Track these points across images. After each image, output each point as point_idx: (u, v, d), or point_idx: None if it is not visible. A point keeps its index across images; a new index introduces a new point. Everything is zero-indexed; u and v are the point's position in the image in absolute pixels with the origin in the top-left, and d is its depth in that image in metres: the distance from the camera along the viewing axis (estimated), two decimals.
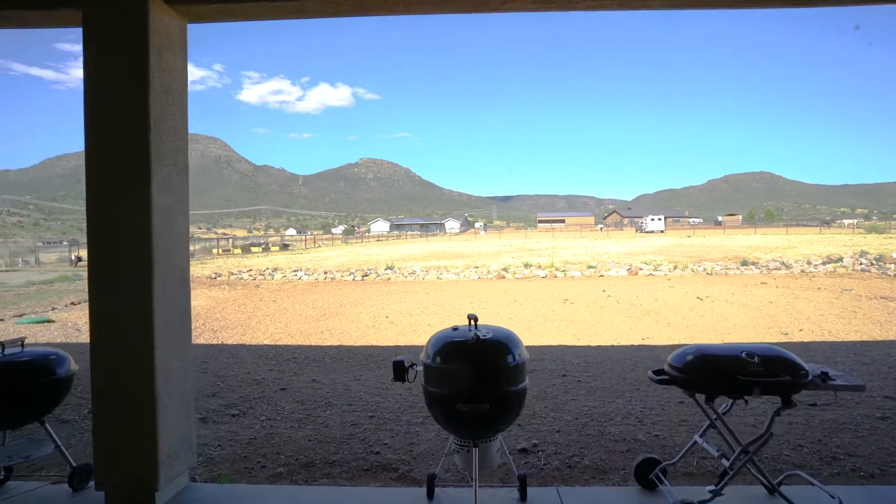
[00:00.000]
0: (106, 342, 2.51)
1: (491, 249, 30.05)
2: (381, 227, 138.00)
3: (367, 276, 18.69)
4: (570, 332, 8.10)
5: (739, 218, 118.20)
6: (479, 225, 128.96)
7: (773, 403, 2.19)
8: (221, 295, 14.05)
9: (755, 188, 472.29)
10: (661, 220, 69.82)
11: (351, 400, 4.51)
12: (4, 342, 2.66)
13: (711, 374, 2.22)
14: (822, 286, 12.71)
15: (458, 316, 9.84)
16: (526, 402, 3.99)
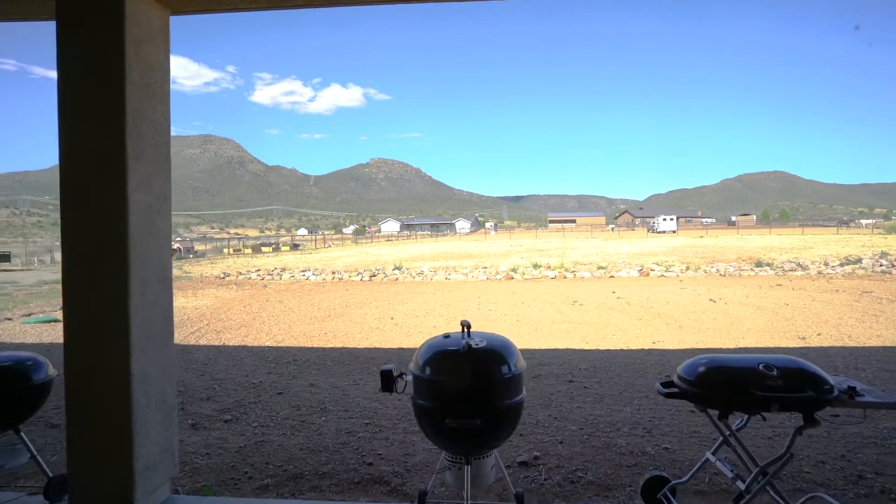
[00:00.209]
0: (79, 348, 2.39)
1: (500, 250, 29.82)
2: (391, 227, 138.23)
3: (374, 276, 18.59)
4: (578, 334, 7.90)
5: (753, 218, 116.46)
6: (489, 225, 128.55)
7: (793, 419, 2.00)
8: (228, 295, 14.03)
9: (770, 188, 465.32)
10: (673, 220, 68.96)
11: (348, 406, 4.37)
12: None
13: (725, 388, 2.03)
14: (840, 288, 12.33)
15: (464, 317, 9.66)
16: (530, 410, 3.78)
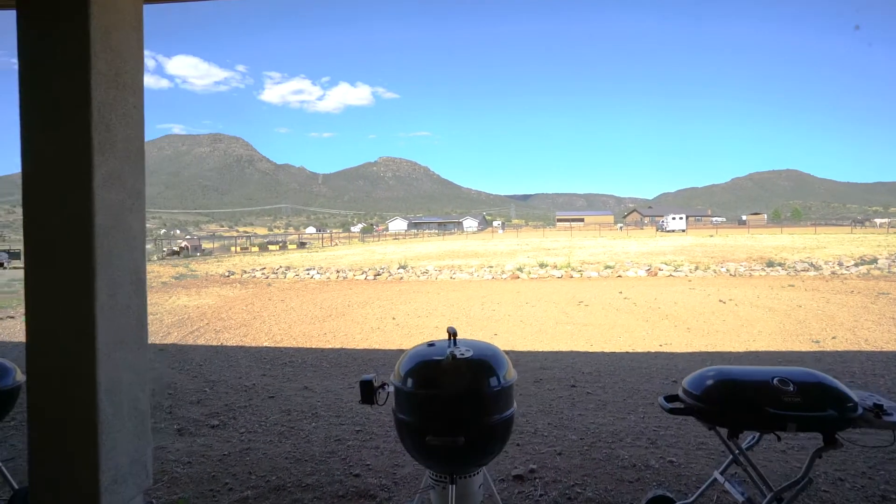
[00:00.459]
0: (41, 353, 2.24)
1: (507, 248, 29.58)
2: (399, 225, 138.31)
3: (379, 275, 18.46)
4: (582, 336, 7.69)
5: (764, 217, 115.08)
6: (496, 223, 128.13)
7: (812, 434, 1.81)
8: (231, 293, 13.97)
9: (781, 186, 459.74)
10: (682, 219, 68.15)
11: (340, 411, 4.21)
12: None
13: (735, 404, 1.84)
14: (855, 289, 11.98)
15: (467, 318, 9.50)
16: (529, 417, 3.59)
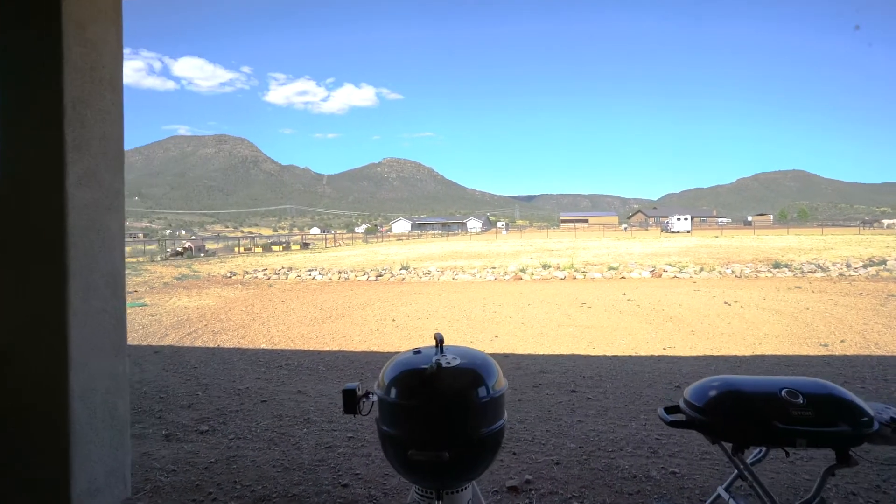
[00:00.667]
0: (7, 360, 2.16)
1: (510, 249, 29.43)
2: (402, 226, 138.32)
3: (381, 276, 18.37)
4: (584, 339, 7.56)
5: (770, 218, 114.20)
6: (500, 224, 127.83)
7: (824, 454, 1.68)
8: (232, 294, 13.91)
9: (788, 187, 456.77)
10: (687, 219, 67.74)
11: (333, 416, 4.11)
12: None
13: (740, 417, 1.71)
14: (864, 291, 11.78)
15: (468, 320, 9.38)
16: (527, 424, 3.43)
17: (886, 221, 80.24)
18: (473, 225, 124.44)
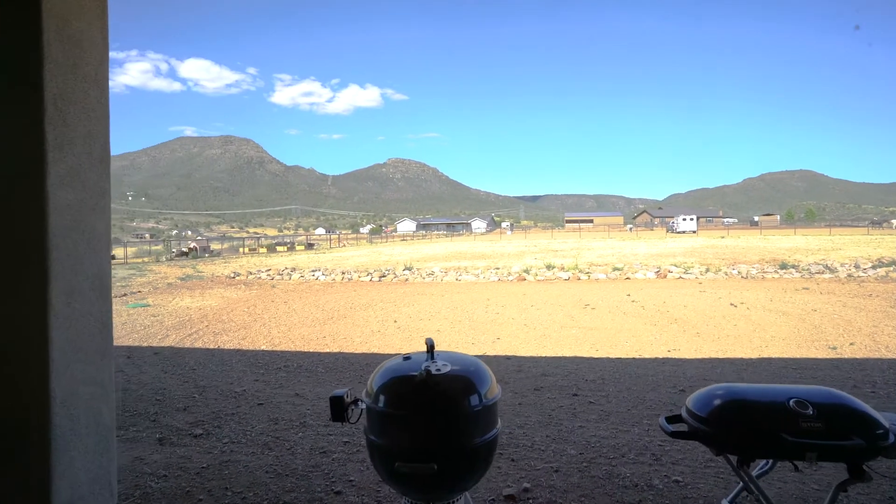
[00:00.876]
0: None
1: (514, 250, 29.32)
2: (407, 226, 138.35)
3: (384, 276, 18.32)
4: (588, 341, 7.46)
5: (777, 218, 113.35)
6: (505, 225, 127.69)
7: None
8: (235, 295, 13.90)
9: (795, 187, 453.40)
10: (693, 220, 67.35)
11: (329, 420, 4.03)
12: None
13: (746, 429, 1.63)
14: (873, 293, 11.60)
15: (470, 321, 9.30)
16: (527, 429, 3.36)
17: None
18: (478, 225, 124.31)
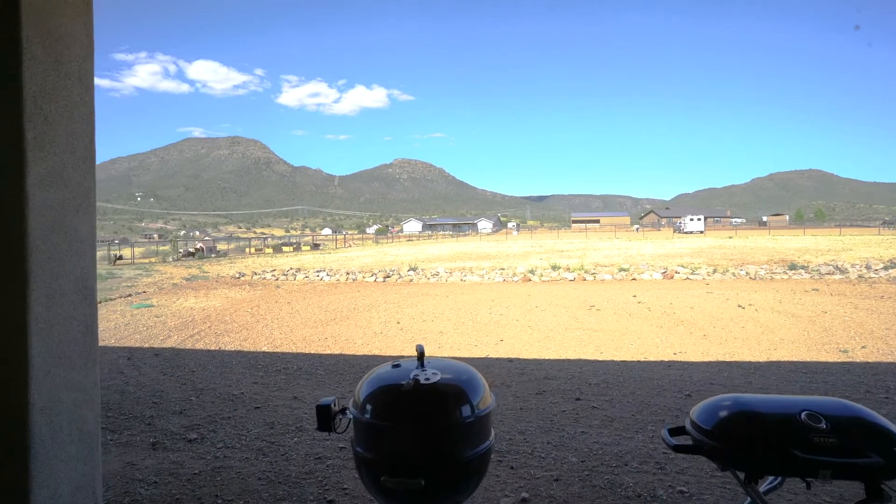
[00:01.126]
0: None
1: (520, 250, 29.19)
2: (413, 226, 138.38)
3: (388, 277, 18.26)
4: (592, 343, 7.34)
5: (786, 218, 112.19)
6: (511, 225, 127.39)
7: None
8: (239, 295, 13.89)
9: (804, 187, 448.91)
10: (700, 220, 66.83)
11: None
12: None
13: (755, 444, 1.52)
14: (885, 294, 11.38)
15: (473, 322, 9.20)
16: (528, 435, 3.29)
17: None
18: (484, 225, 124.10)
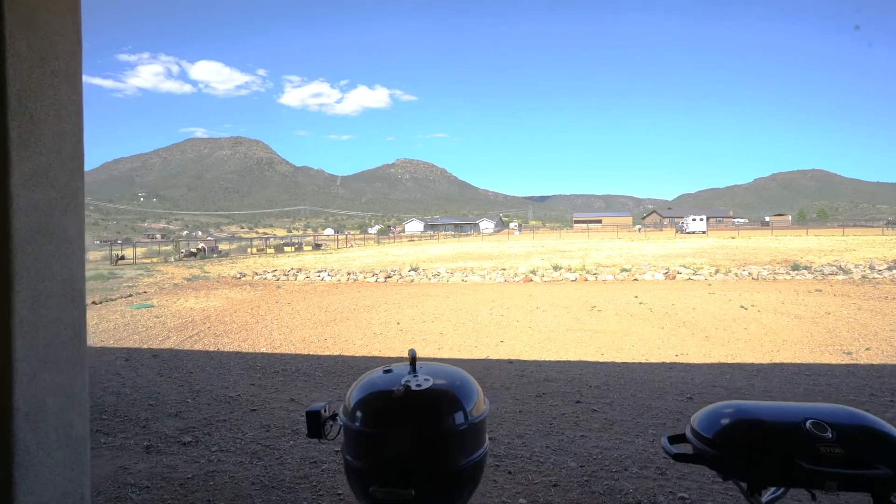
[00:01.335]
0: None
1: (522, 250, 29.13)
2: (415, 227, 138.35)
3: (389, 277, 18.22)
4: (593, 345, 7.28)
5: (789, 218, 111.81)
6: (513, 225, 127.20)
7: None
8: (240, 296, 13.86)
9: (807, 187, 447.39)
10: (702, 220, 66.62)
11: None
12: None
13: (758, 454, 1.46)
14: (889, 295, 11.29)
15: (474, 323, 9.15)
16: (527, 439, 3.23)
17: None
18: (486, 226, 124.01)
